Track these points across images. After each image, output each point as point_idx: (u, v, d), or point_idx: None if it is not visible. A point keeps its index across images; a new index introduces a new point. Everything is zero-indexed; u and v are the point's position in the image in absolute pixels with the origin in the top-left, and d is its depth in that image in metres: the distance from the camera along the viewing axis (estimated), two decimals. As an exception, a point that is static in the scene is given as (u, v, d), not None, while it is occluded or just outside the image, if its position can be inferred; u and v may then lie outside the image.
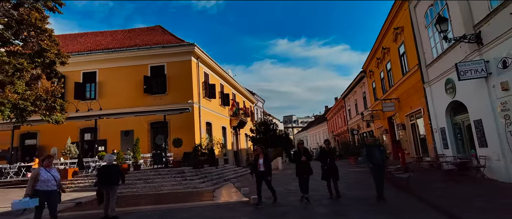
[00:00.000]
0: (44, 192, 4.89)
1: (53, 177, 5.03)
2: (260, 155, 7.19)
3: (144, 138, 17.73)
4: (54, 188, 5.08)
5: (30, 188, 4.84)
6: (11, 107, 10.31)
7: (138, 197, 9.06)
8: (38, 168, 5.08)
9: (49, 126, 17.21)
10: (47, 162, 5.21)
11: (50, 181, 4.95)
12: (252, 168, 7.37)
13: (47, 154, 5.88)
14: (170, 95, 17.84)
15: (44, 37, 11.67)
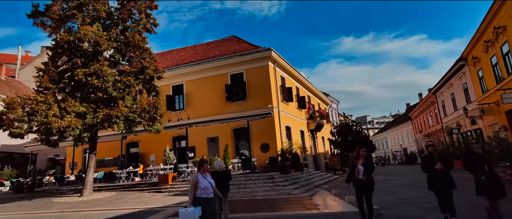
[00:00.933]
0: (204, 200, 4.49)
1: (210, 183, 4.69)
2: (360, 160, 5.72)
3: (228, 143, 18.40)
4: (212, 195, 4.69)
5: (191, 196, 4.51)
6: (124, 120, 11.68)
7: (237, 203, 9.09)
8: (196, 174, 4.70)
9: (147, 136, 19.37)
10: (205, 166, 4.80)
11: (209, 189, 4.61)
12: (349, 176, 5.91)
13: (203, 158, 5.92)
14: (250, 101, 18.11)
15: (145, 55, 13.05)
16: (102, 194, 12.61)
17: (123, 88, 12.17)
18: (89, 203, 10.16)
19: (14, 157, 24.59)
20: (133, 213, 7.89)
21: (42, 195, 13.64)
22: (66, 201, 11.17)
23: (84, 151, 22.65)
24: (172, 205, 9.03)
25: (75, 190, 14.67)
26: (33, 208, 9.79)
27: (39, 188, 16.35)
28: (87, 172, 12.40)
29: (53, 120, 10.28)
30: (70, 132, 10.64)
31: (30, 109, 10.52)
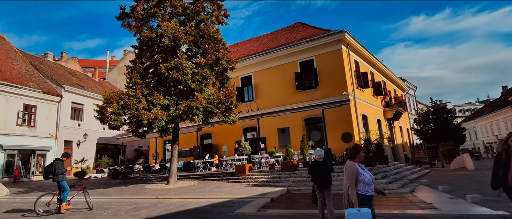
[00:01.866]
0: (368, 198, 3.61)
1: (372, 177, 3.78)
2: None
3: (299, 134, 17.69)
4: (373, 193, 3.74)
5: (354, 191, 3.57)
6: (203, 111, 11.92)
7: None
8: (353, 164, 3.75)
9: (219, 128, 19.91)
10: (361, 155, 3.83)
11: (372, 184, 3.69)
12: (497, 178, 4.06)
13: (357, 145, 4.99)
14: (322, 89, 17.03)
15: (219, 46, 13.12)
16: (185, 182, 13.23)
17: (200, 80, 12.44)
18: (177, 191, 10.64)
19: (109, 148, 28.20)
20: (223, 202, 7.82)
21: (134, 181, 15.01)
22: (156, 188, 11.96)
23: (164, 143, 24.63)
24: (256, 196, 8.77)
25: (160, 178, 15.83)
26: (131, 193, 10.67)
27: (131, 175, 18.20)
28: (172, 161, 13.11)
29: (143, 112, 11.01)
30: (157, 123, 11.27)
31: (123, 103, 11.46)
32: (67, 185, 7.23)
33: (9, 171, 19.38)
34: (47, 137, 22.05)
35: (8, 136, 19.49)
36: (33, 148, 20.98)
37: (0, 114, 19.19)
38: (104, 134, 27.47)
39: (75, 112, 25.04)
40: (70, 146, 24.15)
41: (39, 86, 22.02)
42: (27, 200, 10.21)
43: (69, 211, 7.29)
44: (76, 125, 24.81)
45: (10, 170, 19.50)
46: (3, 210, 8.29)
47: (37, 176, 21.02)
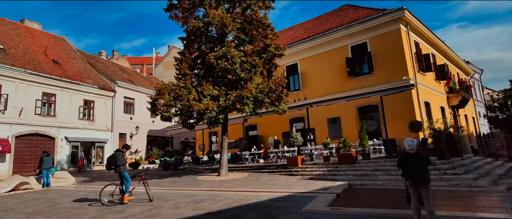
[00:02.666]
0: None
1: None
2: None
3: (351, 124, 16.47)
4: None
5: None
6: (253, 100, 11.41)
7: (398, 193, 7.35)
8: None
9: (265, 118, 19.36)
10: None
11: None
12: None
13: None
14: (378, 74, 15.51)
15: (268, 32, 12.45)
16: (235, 174, 12.96)
17: (249, 69, 11.93)
18: (230, 183, 10.34)
19: (158, 140, 29.47)
20: (284, 197, 7.24)
21: (185, 173, 15.19)
22: (208, 179, 11.84)
23: (209, 135, 24.93)
24: (317, 190, 8.04)
25: (210, 169, 15.85)
26: (185, 185, 10.63)
27: (181, 166, 18.60)
28: (222, 153, 12.90)
29: (194, 103, 10.84)
30: (208, 114, 11.04)
31: (174, 94, 11.42)
32: (128, 176, 7.22)
33: (74, 162, 21.09)
34: (104, 130, 23.59)
35: (72, 129, 21.15)
36: (93, 140, 22.58)
37: (65, 109, 20.85)
38: (153, 126, 28.76)
39: (127, 106, 26.43)
40: (124, 138, 25.60)
41: (96, 82, 23.54)
42: (91, 189, 10.72)
43: (131, 202, 7.29)
44: (128, 118, 26.21)
45: (75, 161, 21.21)
46: (71, 198, 8.69)
47: (97, 166, 22.66)
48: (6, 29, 21.89)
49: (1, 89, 17.47)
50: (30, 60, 20.28)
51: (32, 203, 8.19)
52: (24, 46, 21.45)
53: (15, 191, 10.60)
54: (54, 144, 19.96)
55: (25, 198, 9.30)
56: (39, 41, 23.66)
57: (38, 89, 19.36)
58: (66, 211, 6.72)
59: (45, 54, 22.49)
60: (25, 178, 11.17)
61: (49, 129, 19.73)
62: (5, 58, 18.40)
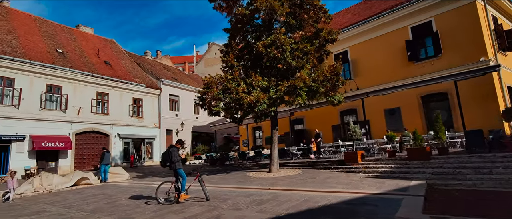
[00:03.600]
0: None
1: None
2: None
3: (413, 115, 14.64)
4: None
5: None
6: (306, 90, 10.43)
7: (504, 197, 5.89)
8: None
9: (312, 112, 18.17)
10: None
11: None
12: None
13: None
14: (447, 57, 13.47)
15: (320, 14, 11.33)
16: (287, 171, 12.13)
17: (301, 56, 10.94)
18: (285, 180, 9.53)
19: (202, 136, 29.82)
20: (357, 198, 6.21)
21: (232, 168, 14.75)
22: (259, 176, 11.18)
23: (253, 130, 24.44)
24: (392, 191, 6.86)
25: (258, 165, 15.23)
26: (237, 181, 10.07)
27: (227, 162, 18.30)
28: (272, 148, 12.13)
29: (243, 96, 10.19)
30: (258, 106, 10.32)
31: (223, 87, 10.88)
32: (184, 174, 6.77)
33: (126, 157, 22.02)
34: (152, 127, 24.33)
35: (123, 126, 22.08)
36: (143, 136, 23.40)
37: (117, 107, 21.81)
38: (197, 123, 29.15)
39: (172, 103, 27.02)
40: (171, 134, 26.24)
41: (143, 81, 24.34)
42: (144, 185, 10.68)
43: (188, 201, 6.84)
44: (174, 115, 26.78)
45: (127, 157, 22.15)
46: (128, 195, 8.59)
47: (147, 162, 23.47)
48: (64, 34, 23.51)
49: (62, 90, 18.68)
50: (85, 62, 21.50)
51: (92, 199, 8.21)
52: (79, 50, 22.84)
53: (76, 186, 10.99)
54: (109, 141, 20.98)
55: (85, 193, 9.47)
56: (92, 44, 25.10)
57: (93, 89, 20.44)
58: (124, 210, 6.46)
59: (97, 56, 23.77)
60: (84, 174, 11.57)
61: (104, 126, 20.77)
62: (64, 61, 19.66)
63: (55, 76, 18.33)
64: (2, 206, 7.89)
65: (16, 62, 16.55)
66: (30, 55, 17.76)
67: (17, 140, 16.16)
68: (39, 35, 21.02)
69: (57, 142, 17.39)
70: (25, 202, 8.38)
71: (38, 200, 8.42)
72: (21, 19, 21.26)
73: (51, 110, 18.08)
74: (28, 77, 17.14)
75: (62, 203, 7.72)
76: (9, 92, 16.40)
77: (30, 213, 6.62)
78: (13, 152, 16.07)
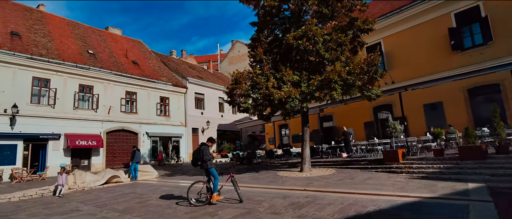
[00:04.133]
0: None
1: None
2: None
3: (458, 110, 13.36)
4: None
5: None
6: (342, 84, 9.69)
7: None
8: None
9: (342, 108, 17.37)
10: None
11: None
12: None
13: None
14: (500, 44, 12.08)
15: (355, 1, 10.51)
16: (320, 170, 11.46)
17: (335, 48, 10.20)
18: (320, 181, 8.90)
19: (227, 134, 29.69)
20: (413, 203, 5.50)
21: (261, 167, 14.30)
22: (291, 175, 10.62)
23: (279, 128, 23.86)
24: (450, 195, 6.04)
25: (287, 164, 14.65)
26: (268, 182, 9.59)
27: (254, 160, 17.88)
28: (304, 146, 11.50)
29: (274, 91, 9.66)
30: (290, 102, 9.75)
31: (252, 83, 10.42)
32: (216, 173, 6.38)
33: (154, 155, 22.33)
34: (178, 125, 24.51)
35: (151, 125, 22.39)
36: (170, 135, 23.62)
37: (144, 106, 22.16)
38: (222, 121, 29.05)
39: (198, 102, 27.09)
40: (197, 133, 26.32)
41: (169, 80, 24.56)
42: (173, 184, 10.50)
43: (220, 202, 6.45)
44: (199, 113, 26.84)
45: (155, 155, 22.45)
46: (157, 194, 8.39)
47: (174, 160, 23.68)
48: (95, 36, 24.27)
49: (93, 90, 19.21)
50: (114, 62, 22.02)
51: (123, 198, 8.09)
52: (109, 50, 23.46)
53: (107, 184, 11.06)
54: (137, 139, 21.35)
55: (116, 192, 9.43)
56: (121, 45, 25.73)
57: (122, 89, 20.86)
58: (155, 210, 6.19)
59: (126, 56, 24.29)
60: (115, 172, 11.64)
61: (133, 125, 21.16)
62: (95, 62, 20.22)
63: (87, 76, 18.88)
64: (41, 201, 7.98)
65: (51, 63, 17.19)
66: (64, 56, 18.40)
67: (53, 139, 16.79)
68: (72, 37, 21.80)
69: (89, 140, 17.89)
70: (59, 199, 8.43)
71: (71, 198, 8.45)
72: (56, 23, 22.17)
73: (84, 109, 18.64)
74: (62, 77, 17.75)
75: (95, 202, 7.65)
76: (46, 92, 17.07)
77: (63, 212, 6.55)
78: (50, 150, 16.72)
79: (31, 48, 17.26)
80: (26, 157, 15.85)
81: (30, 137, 15.94)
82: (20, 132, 15.56)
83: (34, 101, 16.47)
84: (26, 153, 15.87)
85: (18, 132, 15.50)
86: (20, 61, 16.02)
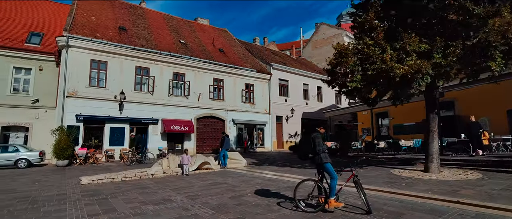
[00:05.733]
0: None
1: None
2: None
3: None
4: None
5: None
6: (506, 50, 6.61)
7: None
8: None
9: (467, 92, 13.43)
10: None
11: None
12: None
13: None
14: None
15: None
16: (456, 172, 8.54)
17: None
18: (467, 188, 6.26)
19: (312, 123, 27.74)
20: None
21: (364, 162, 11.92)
22: (413, 176, 8.15)
23: (376, 116, 20.57)
24: None
25: (395, 160, 11.91)
26: (385, 183, 7.45)
27: (349, 153, 15.54)
28: (430, 138, 8.73)
29: (394, 65, 7.29)
30: (419, 80, 7.24)
31: (361, 56, 8.24)
32: (334, 170, 4.69)
33: (239, 143, 22.20)
34: (263, 113, 23.80)
35: (237, 112, 22.25)
36: (254, 122, 23.13)
37: (231, 93, 22.12)
38: (307, 109, 27.15)
39: (282, 88, 25.84)
40: (280, 121, 25.20)
41: (253, 66, 23.96)
42: (266, 176, 9.33)
43: (340, 210, 4.75)
44: (283, 101, 25.58)
45: (240, 142, 22.30)
46: (251, 187, 7.27)
47: (259, 148, 23.15)
48: (185, 27, 25.47)
49: (185, 77, 19.96)
50: (203, 50, 22.56)
51: (215, 189, 7.25)
52: (198, 40, 24.24)
53: (199, 170, 10.73)
54: (224, 125, 21.49)
55: (207, 180, 8.81)
56: (208, 34, 26.41)
57: (210, 76, 21.18)
58: (254, 212, 4.95)
59: (213, 44, 24.74)
60: (206, 158, 11.28)
61: (220, 112, 21.35)
62: (186, 51, 20.97)
63: (179, 64, 19.66)
64: (139, 185, 7.89)
65: (150, 53, 18.39)
66: (160, 46, 19.54)
67: (152, 123, 18.05)
68: (167, 29, 23.21)
69: (182, 125, 18.65)
70: (155, 184, 8.21)
71: (165, 184, 8.12)
72: (153, 17, 23.99)
73: (177, 96, 19.54)
74: (159, 66, 18.87)
75: (187, 191, 7.00)
76: (146, 80, 18.42)
77: (156, 201, 5.97)
78: (150, 134, 18.04)
79: (134, 40, 18.81)
80: (132, 139, 17.43)
81: (134, 121, 17.44)
82: (126, 116, 17.14)
83: (136, 89, 17.93)
84: (132, 135, 17.46)
85: (125, 116, 17.10)
86: (126, 52, 17.54)
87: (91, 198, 6.30)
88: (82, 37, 16.16)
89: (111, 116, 16.63)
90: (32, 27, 18.35)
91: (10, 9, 18.92)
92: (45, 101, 16.77)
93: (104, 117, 16.35)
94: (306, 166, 11.06)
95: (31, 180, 9.37)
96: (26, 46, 16.76)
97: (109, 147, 16.47)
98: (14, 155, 13.51)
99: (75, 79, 15.80)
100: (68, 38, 15.63)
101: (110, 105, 16.71)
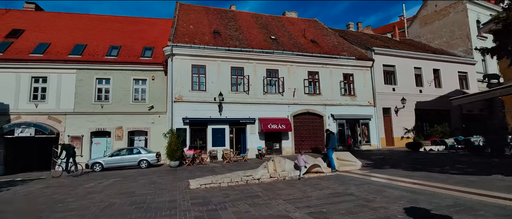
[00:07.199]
0: None
1: None
2: None
3: None
4: None
5: None
6: None
7: None
8: None
9: None
10: None
11: None
12: None
13: None
14: None
15: None
16: None
17: None
18: None
19: (429, 113, 22.75)
20: None
21: None
22: None
23: None
24: None
25: None
26: None
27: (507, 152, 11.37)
28: None
29: None
30: None
31: None
32: None
33: (342, 141, 19.84)
34: (366, 105, 20.75)
35: (336, 106, 19.99)
36: (357, 117, 20.36)
37: (327, 86, 20.04)
38: (421, 97, 22.44)
39: (387, 76, 22.06)
40: (389, 113, 21.50)
41: (351, 53, 21.19)
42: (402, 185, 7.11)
43: None
44: (390, 90, 21.78)
45: (342, 139, 19.93)
46: (390, 200, 5.34)
47: (364, 146, 20.26)
48: (274, 23, 24.71)
49: (279, 73, 19.03)
50: (294, 43, 21.23)
51: (341, 203, 5.64)
52: (288, 34, 23.07)
53: (308, 174, 9.30)
54: (323, 122, 19.58)
55: (323, 188, 7.27)
56: (298, 26, 24.95)
57: (304, 69, 19.65)
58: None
59: (304, 36, 23.13)
60: (315, 159, 9.76)
61: (317, 107, 19.56)
62: (277, 46, 20.05)
63: (272, 60, 18.85)
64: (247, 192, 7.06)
65: (243, 52, 18.19)
66: (252, 45, 19.18)
67: (249, 123, 17.75)
68: (257, 27, 22.90)
69: (279, 124, 17.73)
70: (264, 191, 7.19)
71: (275, 192, 6.99)
72: (243, 17, 24.12)
73: (271, 93, 18.76)
74: (252, 65, 18.49)
75: (305, 204, 5.64)
76: (241, 80, 18.30)
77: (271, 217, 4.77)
78: (248, 133, 17.79)
79: (228, 42, 19.01)
80: (231, 140, 17.53)
81: (233, 122, 17.49)
82: (226, 117, 17.33)
83: (233, 89, 17.98)
84: (231, 136, 17.56)
85: (224, 117, 17.31)
86: (221, 54, 17.79)
87: (201, 208, 5.66)
88: (183, 45, 17.13)
89: (212, 117, 17.08)
90: (147, 43, 20.75)
91: (134, 31, 21.95)
92: (158, 107, 18.56)
93: (206, 119, 16.92)
94: (449, 170, 8.20)
95: (149, 181, 9.85)
96: (141, 59, 18.95)
97: (212, 147, 16.92)
98: (138, 157, 15.20)
99: (180, 84, 16.84)
100: (172, 47, 16.79)
101: (210, 107, 17.20)
